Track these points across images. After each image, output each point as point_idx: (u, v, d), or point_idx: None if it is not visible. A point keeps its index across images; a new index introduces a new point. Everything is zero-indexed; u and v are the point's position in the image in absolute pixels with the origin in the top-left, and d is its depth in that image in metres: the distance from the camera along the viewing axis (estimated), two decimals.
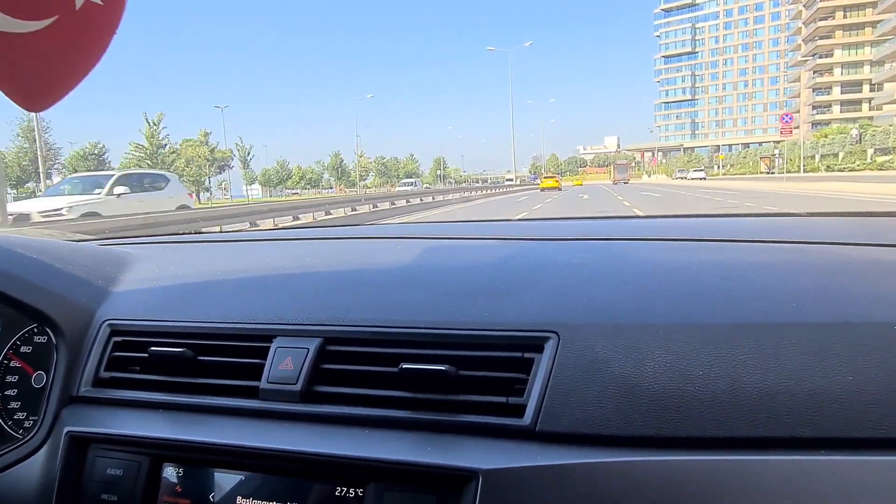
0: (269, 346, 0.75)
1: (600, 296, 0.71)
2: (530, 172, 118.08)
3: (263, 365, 0.74)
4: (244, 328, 0.78)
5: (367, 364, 0.71)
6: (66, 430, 0.76)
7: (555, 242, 1.00)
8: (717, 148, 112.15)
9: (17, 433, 0.83)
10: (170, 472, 0.72)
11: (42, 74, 0.58)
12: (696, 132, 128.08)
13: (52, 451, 0.77)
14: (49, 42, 0.54)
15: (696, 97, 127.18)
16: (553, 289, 0.74)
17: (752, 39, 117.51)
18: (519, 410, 0.63)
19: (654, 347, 0.62)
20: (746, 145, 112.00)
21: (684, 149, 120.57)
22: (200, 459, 0.71)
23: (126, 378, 0.81)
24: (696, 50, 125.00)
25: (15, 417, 0.84)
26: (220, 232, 1.94)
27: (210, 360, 0.78)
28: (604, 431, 0.59)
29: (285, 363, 0.73)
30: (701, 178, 64.75)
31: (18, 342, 0.88)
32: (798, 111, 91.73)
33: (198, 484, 0.70)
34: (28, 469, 0.78)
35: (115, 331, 0.84)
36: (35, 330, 0.87)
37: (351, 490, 0.64)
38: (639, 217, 1.59)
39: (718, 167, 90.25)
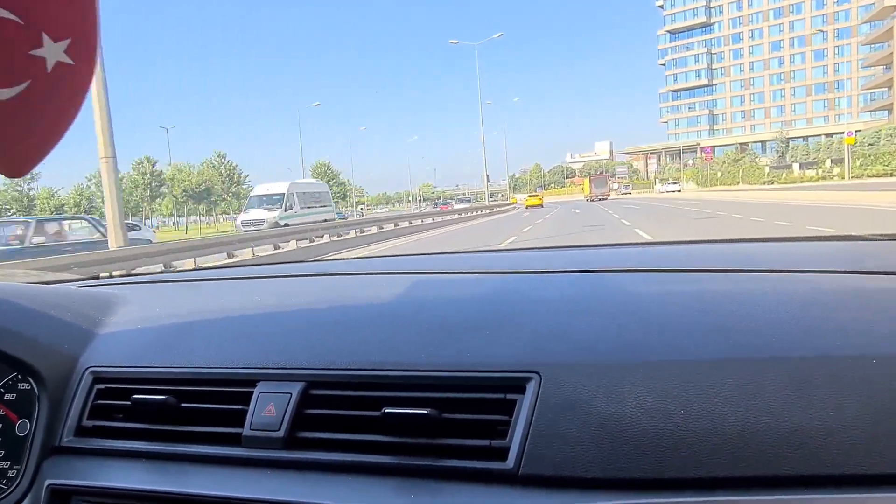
0: (253, 392, 0.75)
1: (581, 333, 0.71)
2: (507, 188, 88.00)
3: (247, 411, 0.74)
4: (227, 373, 0.78)
5: (350, 408, 0.71)
6: (47, 482, 0.76)
7: (536, 276, 1.00)
8: (831, 136, 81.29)
9: (1, 483, 0.82)
10: None
11: (20, 140, 0.58)
12: (715, 127, 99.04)
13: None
14: (24, 107, 0.55)
15: (714, 82, 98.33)
16: (535, 326, 0.74)
17: (787, 2, 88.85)
18: (502, 454, 0.63)
19: (634, 386, 0.61)
20: (785, 141, 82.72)
21: (701, 148, 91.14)
22: None
23: (109, 427, 0.81)
24: (713, 21, 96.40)
25: None
26: (199, 269, 1.67)
27: (193, 406, 0.77)
28: (586, 474, 0.59)
29: (268, 409, 0.72)
30: (677, 191, 59.87)
31: (2, 389, 0.86)
32: (888, 86, 62.38)
33: None
34: None
35: (98, 378, 0.84)
36: (18, 377, 0.86)
37: None
38: (622, 245, 1.48)
39: (810, 165, 60.67)
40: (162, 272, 1.91)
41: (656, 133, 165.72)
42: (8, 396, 0.85)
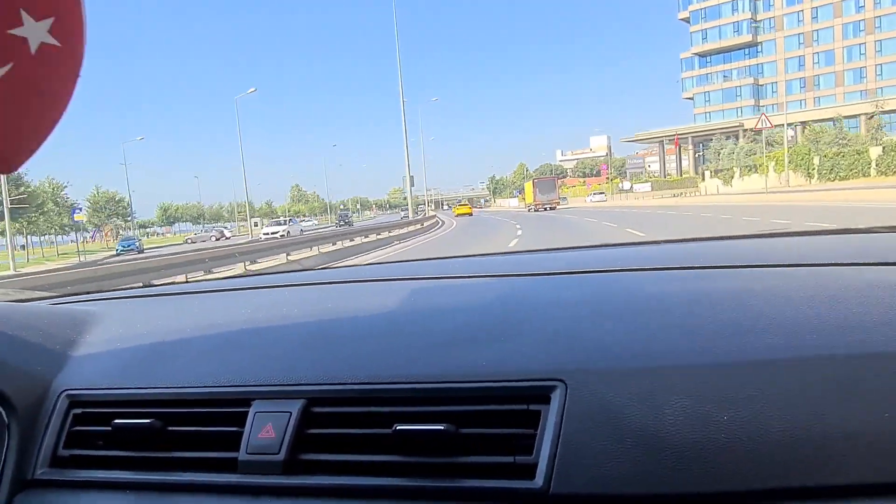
0: (248, 412, 0.69)
1: (607, 337, 0.66)
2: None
3: (241, 433, 0.68)
4: (218, 392, 0.72)
5: (356, 426, 0.66)
6: None
7: (546, 278, 0.94)
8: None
9: None
10: None
11: (7, 132, 0.54)
12: (762, 101, 71.44)
13: None
14: (9, 94, 0.52)
15: (760, 39, 70.78)
16: (553, 330, 0.69)
17: None
18: (528, 471, 0.58)
19: (671, 392, 0.57)
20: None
21: (745, 131, 63.32)
22: None
23: (88, 455, 0.74)
24: None
25: None
26: (183, 283, 1.66)
27: (181, 430, 0.71)
28: (623, 490, 0.54)
29: (265, 430, 0.67)
30: (602, 201, 56.39)
31: None
32: None
33: None
34: None
35: (74, 402, 0.77)
36: None
37: None
38: (630, 244, 1.39)
39: None
40: (142, 286, 1.73)
41: (676, 115, 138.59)
42: None
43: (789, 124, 59.79)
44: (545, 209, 43.10)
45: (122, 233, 56.94)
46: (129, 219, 57.65)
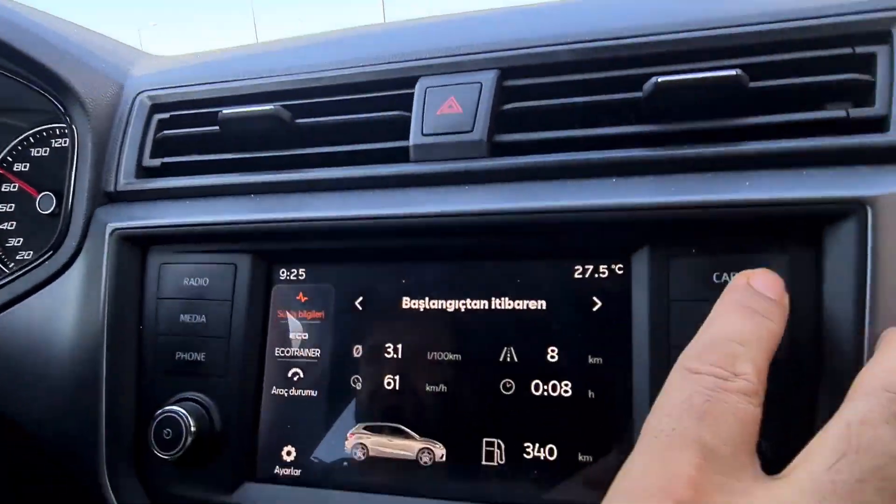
0: (412, 93, 0.54)
1: None
2: None
3: (408, 118, 0.53)
4: (365, 73, 0.56)
5: (578, 94, 0.50)
6: (110, 227, 0.57)
7: None
8: None
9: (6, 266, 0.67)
10: (284, 276, 0.54)
11: None
12: None
13: (91, 264, 0.58)
14: None
15: None
16: None
17: None
18: (873, 124, 0.44)
19: None
20: None
21: None
22: (334, 251, 0.53)
23: (184, 162, 0.62)
24: None
25: (17, 258, 0.67)
26: None
27: (314, 121, 0.57)
28: None
29: (446, 105, 0.52)
30: None
31: (10, 158, 0.68)
32: None
33: (333, 288, 0.52)
34: (54, 296, 0.59)
35: (156, 106, 0.64)
36: (31, 139, 0.68)
37: (614, 265, 0.46)
38: None
39: None
40: None
41: None
42: (19, 167, 0.67)
43: None
44: None
45: None
46: None
